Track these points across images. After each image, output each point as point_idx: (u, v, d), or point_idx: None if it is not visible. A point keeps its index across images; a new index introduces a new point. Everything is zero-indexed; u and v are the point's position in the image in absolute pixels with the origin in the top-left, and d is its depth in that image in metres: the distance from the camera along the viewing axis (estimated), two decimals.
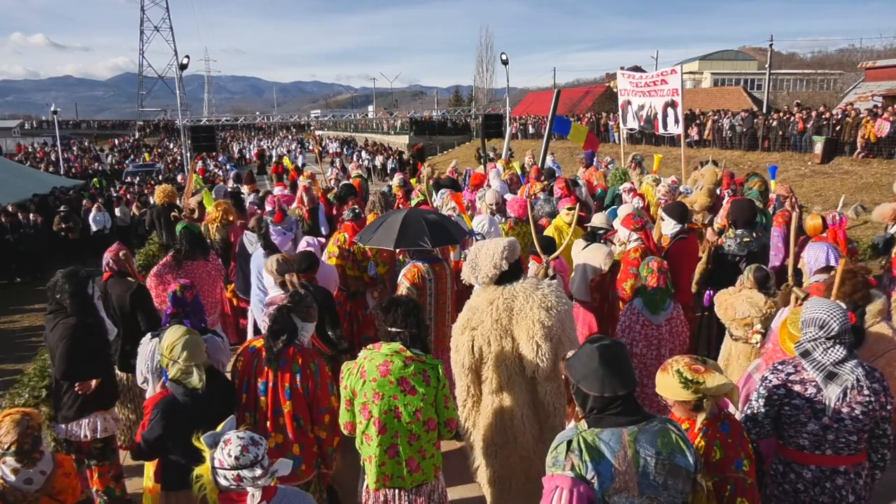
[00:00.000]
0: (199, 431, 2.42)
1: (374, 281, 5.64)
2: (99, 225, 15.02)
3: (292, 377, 3.19)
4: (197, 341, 3.07)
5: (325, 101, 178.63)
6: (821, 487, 2.70)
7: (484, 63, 61.91)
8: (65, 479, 2.83)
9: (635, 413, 2.19)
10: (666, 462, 2.11)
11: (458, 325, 3.53)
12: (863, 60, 35.91)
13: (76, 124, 64.02)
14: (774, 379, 2.72)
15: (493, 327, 3.36)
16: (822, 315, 2.62)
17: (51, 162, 34.30)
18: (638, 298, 3.97)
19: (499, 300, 3.38)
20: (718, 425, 2.47)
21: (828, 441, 2.65)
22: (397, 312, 3.03)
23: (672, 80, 10.06)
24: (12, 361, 8.30)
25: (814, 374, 2.62)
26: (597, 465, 2.09)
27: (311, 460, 3.32)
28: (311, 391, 3.20)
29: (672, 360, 2.56)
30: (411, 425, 2.95)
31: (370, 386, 2.95)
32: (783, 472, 2.81)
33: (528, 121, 36.28)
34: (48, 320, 3.96)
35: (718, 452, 2.42)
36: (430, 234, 4.55)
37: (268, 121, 39.25)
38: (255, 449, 2.24)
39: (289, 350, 3.22)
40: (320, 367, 3.28)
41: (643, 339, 3.87)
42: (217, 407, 3.00)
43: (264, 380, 3.21)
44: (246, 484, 2.22)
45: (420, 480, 3.04)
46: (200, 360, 3.04)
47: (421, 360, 2.98)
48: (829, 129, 18.94)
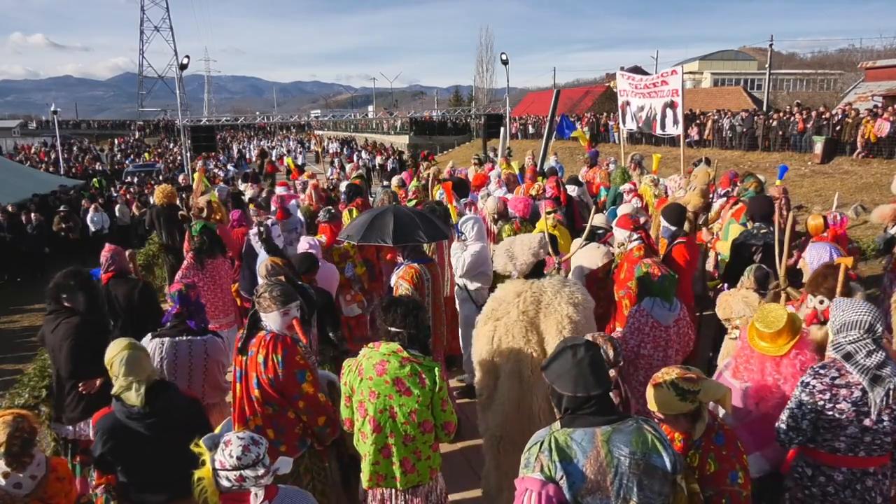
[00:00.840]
0: (148, 452, 2.44)
1: (349, 282, 5.63)
2: (97, 225, 15.02)
3: (257, 367, 3.21)
4: (138, 356, 2.97)
5: (325, 101, 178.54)
6: (851, 490, 2.68)
7: (484, 63, 61.89)
8: (57, 484, 2.78)
9: (610, 413, 2.18)
10: (641, 462, 2.08)
11: (481, 316, 3.61)
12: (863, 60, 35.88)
13: (76, 124, 64.00)
14: (818, 384, 2.65)
15: (518, 318, 3.43)
16: (867, 317, 2.59)
17: (51, 162, 34.29)
18: (647, 300, 3.94)
19: (527, 293, 3.46)
20: (713, 436, 2.44)
21: (864, 443, 2.63)
22: (397, 312, 3.02)
23: (672, 81, 10.07)
24: (12, 361, 8.30)
25: (859, 378, 2.59)
26: (567, 465, 2.09)
27: (291, 441, 3.31)
28: (275, 382, 3.21)
29: (660, 373, 2.52)
30: (406, 426, 2.95)
31: (367, 384, 2.96)
32: (811, 475, 2.77)
33: (528, 121, 36.27)
34: (48, 321, 3.95)
35: (713, 465, 2.38)
36: (423, 229, 4.56)
37: (268, 121, 39.21)
38: (257, 448, 2.24)
39: (256, 341, 3.25)
40: (287, 358, 3.22)
41: (651, 340, 3.86)
42: (173, 426, 2.88)
43: (240, 368, 3.27)
44: (249, 484, 2.22)
45: (415, 482, 3.03)
46: (142, 375, 2.92)
47: (417, 362, 2.96)
48: (829, 129, 18.94)
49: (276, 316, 3.25)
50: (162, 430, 2.88)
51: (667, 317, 3.87)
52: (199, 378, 3.77)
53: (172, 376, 3.69)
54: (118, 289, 4.57)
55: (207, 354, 3.79)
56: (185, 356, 3.72)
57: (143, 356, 2.99)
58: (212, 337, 3.87)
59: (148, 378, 2.94)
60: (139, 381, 2.89)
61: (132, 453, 2.91)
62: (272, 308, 3.25)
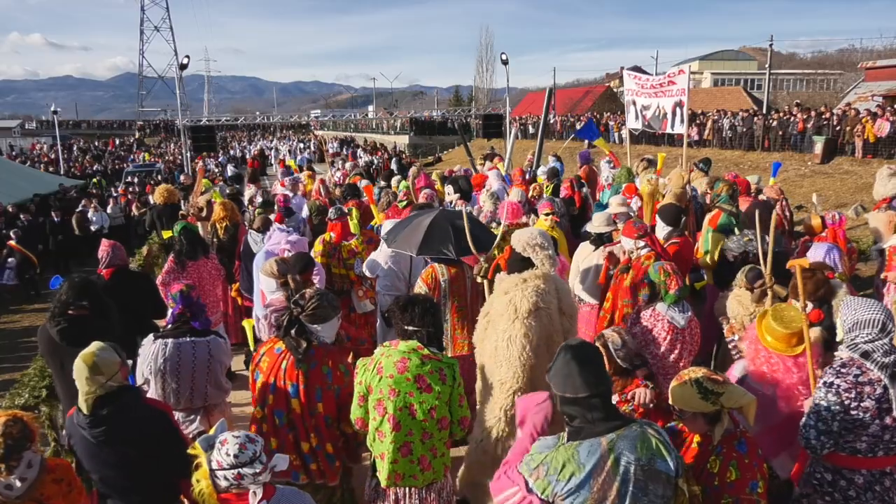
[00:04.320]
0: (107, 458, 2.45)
1: (360, 279, 5.63)
2: (97, 225, 15.05)
3: (323, 379, 3.19)
4: (85, 366, 2.80)
5: (325, 101, 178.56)
6: (872, 492, 2.66)
7: (484, 63, 61.99)
8: (54, 486, 2.72)
9: (612, 418, 2.16)
10: (646, 467, 2.08)
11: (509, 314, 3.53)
12: (863, 60, 35.90)
13: (76, 124, 64.02)
14: (843, 383, 2.62)
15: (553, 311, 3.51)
16: (879, 316, 2.61)
17: (51, 162, 34.30)
18: (661, 303, 3.95)
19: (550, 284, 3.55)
20: (734, 444, 2.42)
21: (883, 442, 2.62)
22: (415, 311, 3.05)
23: (680, 81, 10.14)
24: (12, 361, 8.30)
25: (879, 374, 2.58)
26: (571, 480, 2.06)
27: (338, 462, 3.34)
28: (341, 393, 3.20)
29: (689, 370, 2.53)
30: (425, 423, 2.97)
31: (386, 382, 2.96)
32: (831, 480, 2.73)
33: (528, 121, 36.27)
34: (61, 332, 3.85)
35: (734, 473, 2.36)
36: (454, 242, 4.49)
37: (268, 121, 39.21)
38: (253, 446, 2.25)
39: (316, 352, 3.20)
40: (348, 367, 3.30)
41: (666, 343, 3.87)
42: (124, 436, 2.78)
43: (294, 382, 3.17)
44: (247, 482, 2.23)
45: (431, 479, 3.07)
46: (91, 386, 2.78)
47: (437, 359, 3.01)
48: (829, 129, 18.94)
49: (335, 322, 3.29)
50: (110, 439, 2.79)
51: (682, 319, 3.90)
52: (201, 379, 3.75)
53: (176, 377, 3.67)
54: (129, 280, 4.55)
55: (211, 355, 3.77)
56: (189, 357, 3.69)
57: (98, 364, 2.80)
58: (215, 338, 3.84)
59: (103, 386, 2.80)
60: (89, 390, 2.80)
61: (91, 457, 2.88)
62: (331, 315, 3.26)
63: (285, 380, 3.18)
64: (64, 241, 14.16)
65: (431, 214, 4.80)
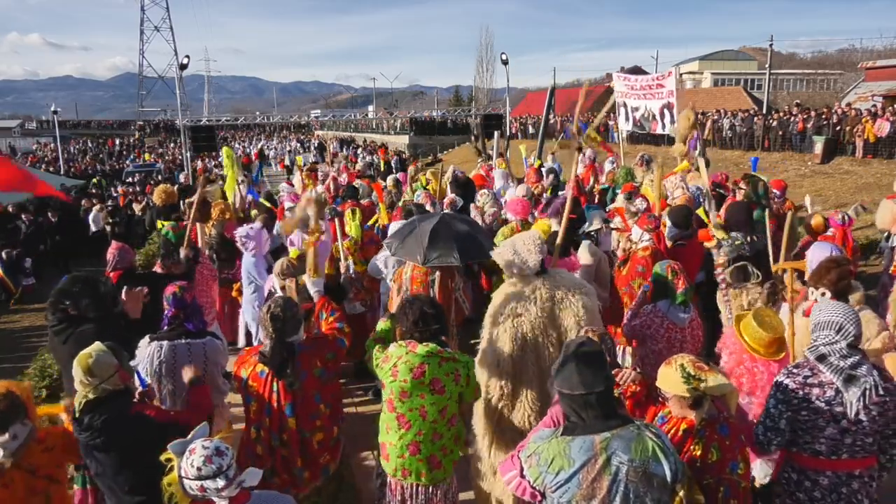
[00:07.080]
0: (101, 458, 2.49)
1: (351, 280, 5.62)
2: (98, 225, 15.00)
3: (318, 381, 3.24)
4: (83, 367, 2.78)
5: (325, 101, 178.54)
6: (837, 493, 2.65)
7: (484, 63, 61.78)
8: (44, 455, 2.71)
9: (610, 418, 2.16)
10: (640, 469, 2.07)
11: (495, 314, 3.47)
12: (863, 60, 35.91)
13: (76, 124, 63.99)
14: (791, 383, 2.64)
15: (538, 315, 3.38)
16: (839, 318, 2.59)
17: (51, 162, 34.32)
18: (663, 301, 3.95)
19: (541, 290, 3.40)
20: (717, 427, 2.47)
21: (845, 445, 2.60)
22: (427, 315, 3.07)
23: (668, 83, 10.18)
24: (12, 361, 8.29)
25: (832, 377, 2.57)
26: (560, 473, 2.10)
27: (316, 469, 3.31)
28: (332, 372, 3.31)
29: (679, 355, 2.57)
30: (436, 424, 3.01)
31: (398, 385, 3.00)
32: (797, 480, 2.73)
33: (528, 121, 36.25)
34: (58, 331, 3.81)
35: (715, 454, 2.41)
36: (459, 249, 4.44)
37: (268, 120, 39.23)
38: (220, 459, 2.18)
39: (301, 363, 3.18)
40: (334, 351, 3.34)
41: (665, 340, 3.87)
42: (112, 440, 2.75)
43: (290, 402, 3.17)
44: (210, 495, 2.18)
45: (440, 478, 3.10)
46: (85, 387, 2.76)
47: (454, 359, 3.05)
48: (829, 129, 18.94)
49: (301, 322, 3.32)
50: (98, 444, 2.76)
51: (683, 319, 3.90)
52: None
53: (171, 379, 3.66)
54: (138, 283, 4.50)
55: (206, 357, 3.75)
56: (185, 359, 3.65)
57: (92, 367, 2.77)
58: (210, 339, 3.82)
59: (96, 389, 2.76)
60: (82, 391, 2.78)
61: (85, 455, 2.86)
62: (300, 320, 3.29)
63: (280, 401, 3.16)
64: (63, 242, 14.15)
65: (433, 221, 4.71)
